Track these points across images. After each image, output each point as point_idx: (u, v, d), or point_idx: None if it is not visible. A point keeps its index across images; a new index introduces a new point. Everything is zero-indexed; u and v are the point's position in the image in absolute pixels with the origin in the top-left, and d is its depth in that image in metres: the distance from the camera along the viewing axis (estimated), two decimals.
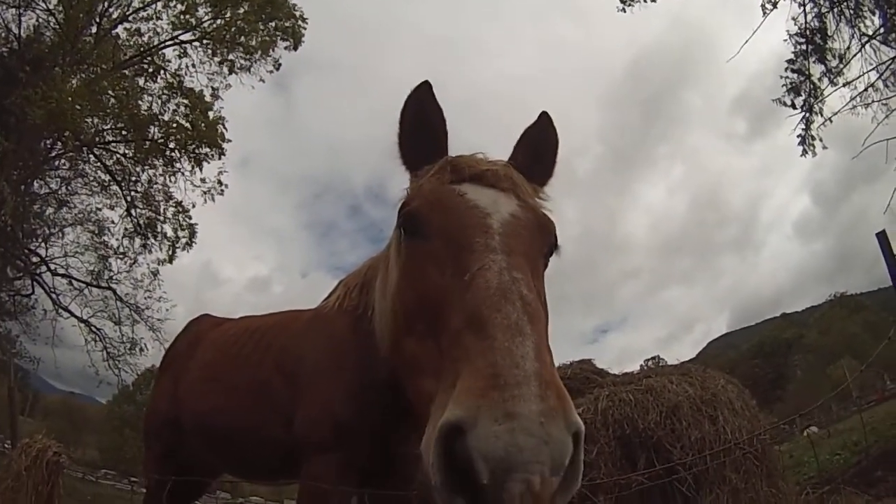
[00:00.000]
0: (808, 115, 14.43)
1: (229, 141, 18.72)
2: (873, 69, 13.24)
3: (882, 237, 3.18)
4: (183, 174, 18.93)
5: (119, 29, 18.90)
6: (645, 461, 4.07)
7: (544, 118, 2.04)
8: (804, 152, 14.62)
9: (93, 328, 19.58)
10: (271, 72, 19.49)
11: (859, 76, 13.48)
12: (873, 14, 13.47)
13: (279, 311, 3.65)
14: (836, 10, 13.69)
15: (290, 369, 2.88)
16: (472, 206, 1.56)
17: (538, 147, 1.99)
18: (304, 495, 2.67)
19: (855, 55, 13.48)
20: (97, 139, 18.18)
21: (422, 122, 1.79)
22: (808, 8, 13.99)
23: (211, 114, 18.48)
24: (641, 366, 8.60)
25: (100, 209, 19.95)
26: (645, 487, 3.98)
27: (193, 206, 19.51)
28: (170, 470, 3.54)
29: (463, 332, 1.20)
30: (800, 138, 14.50)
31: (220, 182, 19.26)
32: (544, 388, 1.02)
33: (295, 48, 19.34)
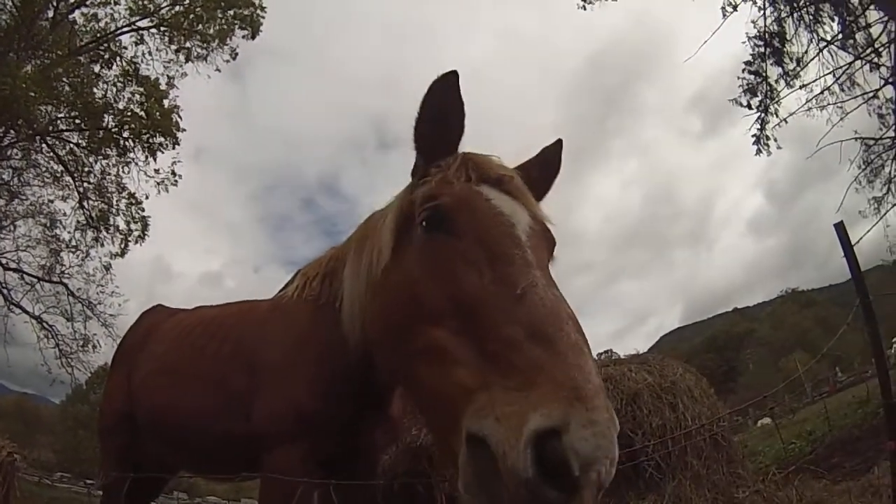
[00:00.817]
0: (763, 115, 14.86)
1: (184, 130, 18.33)
2: (830, 73, 13.70)
3: (840, 228, 3.26)
4: (136, 164, 18.46)
5: (76, 14, 18.24)
6: None
7: (559, 144, 2.15)
8: (758, 151, 15.09)
9: (45, 325, 18.96)
10: (228, 61, 19.08)
11: (816, 79, 13.95)
12: (832, 20, 13.93)
13: (235, 302, 3.56)
14: (795, 15, 14.08)
15: (249, 361, 2.80)
16: (498, 212, 1.67)
17: (546, 166, 2.10)
18: (266, 489, 2.61)
19: (812, 59, 13.93)
20: (50, 128, 17.53)
21: (444, 112, 1.79)
22: (768, 12, 14.38)
23: (166, 102, 18.01)
24: (595, 359, 8.70)
25: (52, 201, 19.29)
26: None
27: (147, 198, 19.04)
28: (126, 468, 3.41)
29: (528, 343, 1.32)
30: (755, 138, 14.95)
31: (173, 173, 18.82)
32: (605, 398, 1.23)
33: (253, 37, 18.91)
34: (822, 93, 13.92)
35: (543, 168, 2.08)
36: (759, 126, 14.87)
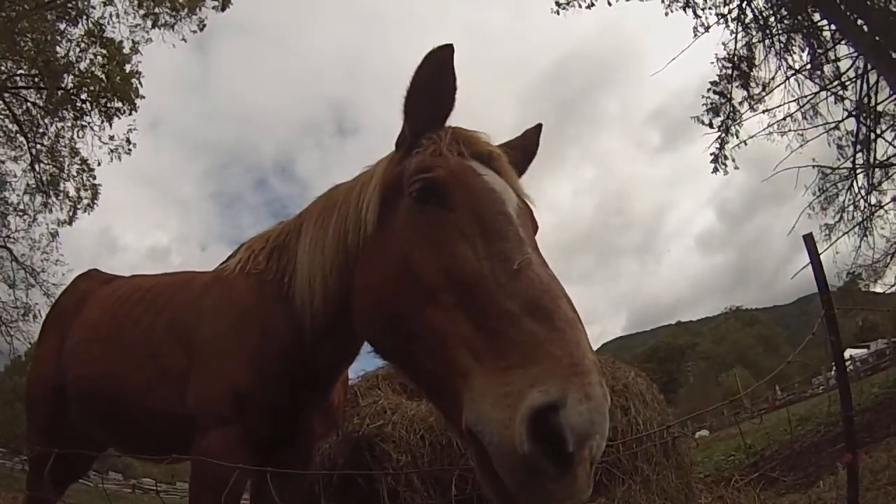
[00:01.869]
0: (724, 135, 15.26)
1: (143, 97, 17.76)
2: (794, 101, 14.11)
3: (809, 239, 3.29)
4: (92, 129, 17.83)
5: None
6: None
7: (539, 129, 2.18)
8: (715, 170, 15.50)
9: None
10: (195, 31, 18.36)
11: (780, 105, 14.36)
12: (802, 50, 14.34)
13: (174, 272, 3.44)
14: (766, 41, 14.45)
15: (185, 336, 2.68)
16: (491, 188, 1.66)
17: (525, 151, 2.09)
18: (197, 472, 2.48)
19: (779, 86, 14.33)
20: (9, 83, 16.79)
21: (437, 84, 1.75)
22: (739, 36, 14.73)
23: (128, 67, 17.40)
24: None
25: (2, 161, 18.51)
26: None
27: (99, 165, 18.46)
28: (53, 442, 3.20)
29: (525, 319, 1.32)
30: (713, 156, 15.39)
31: (128, 140, 18.27)
32: (600, 374, 1.24)
33: (223, 9, 18.28)
34: (784, 119, 14.35)
35: (522, 151, 2.07)
36: (718, 145, 15.30)
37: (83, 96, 17.25)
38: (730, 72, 15.07)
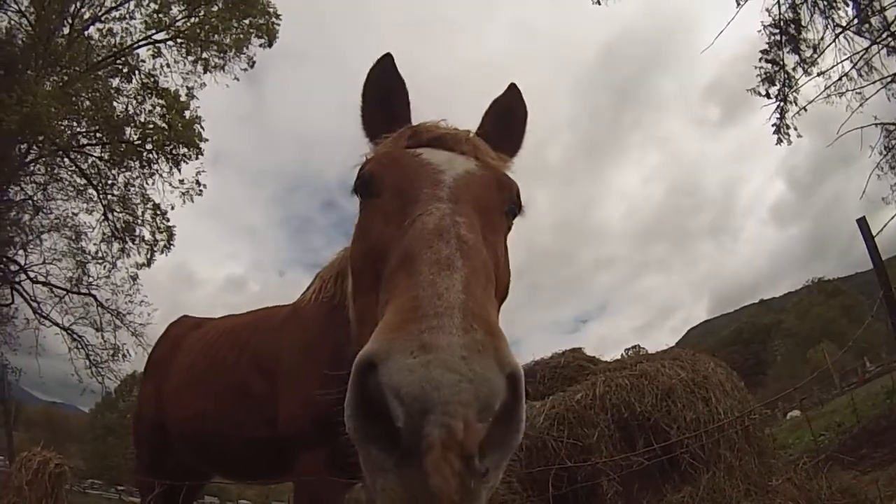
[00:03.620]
0: (782, 104, 14.62)
1: (206, 140, 18.52)
2: (847, 59, 13.44)
3: (863, 223, 3.22)
4: (161, 175, 18.72)
5: (91, 29, 18.60)
6: (643, 442, 4.15)
7: (513, 90, 1.99)
8: (779, 141, 14.81)
9: (74, 335, 19.25)
10: (246, 69, 19.30)
11: (833, 66, 13.66)
12: (847, 5, 13.66)
13: (258, 309, 3.62)
14: (809, 1, 13.86)
15: (268, 367, 2.85)
16: (426, 163, 1.50)
17: (506, 118, 1.94)
18: (298, 494, 2.66)
19: (829, 45, 13.65)
20: (72, 142, 17.84)
21: (384, 92, 1.77)
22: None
23: (187, 113, 18.21)
24: (623, 355, 8.67)
25: (76, 214, 19.60)
26: (645, 467, 4.08)
27: (172, 208, 19.30)
28: (160, 475, 3.50)
29: (394, 273, 1.14)
30: (775, 127, 14.67)
31: (198, 182, 19.09)
32: (470, 320, 0.92)
33: (270, 45, 19.16)
34: (839, 79, 13.63)
35: (501, 120, 1.92)
36: (778, 115, 14.61)
37: (148, 146, 18.09)
38: (778, 37, 14.48)
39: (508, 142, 1.87)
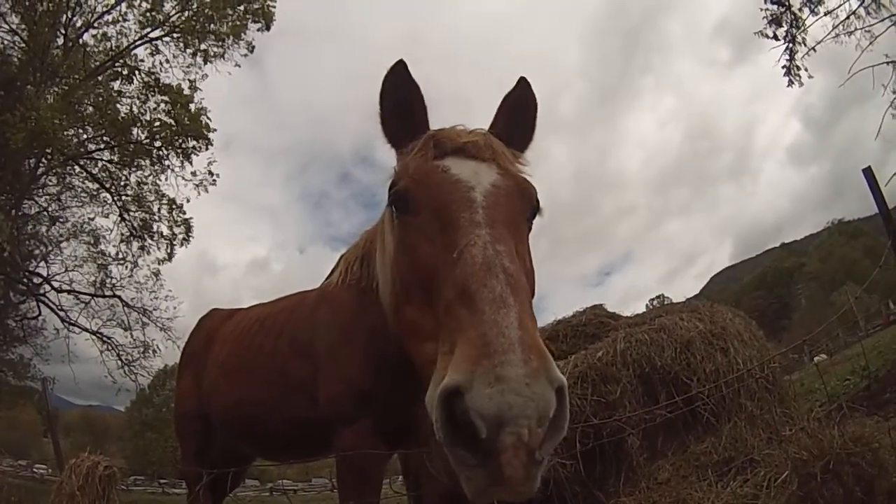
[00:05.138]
0: (791, 45, 14.32)
1: (214, 130, 18.59)
2: None
3: (868, 172, 3.21)
4: (172, 170, 18.87)
5: (86, 36, 18.70)
6: (665, 395, 4.23)
7: (522, 83, 2.08)
8: (790, 83, 14.57)
9: (104, 338, 19.70)
10: (245, 55, 19.28)
11: (840, 5, 13.32)
12: None
13: (285, 296, 3.74)
14: None
15: (305, 351, 2.98)
16: (455, 180, 1.66)
17: (518, 112, 2.04)
18: (341, 468, 2.77)
19: None
20: (81, 150, 17.99)
21: (400, 101, 1.85)
22: None
23: (192, 106, 18.28)
24: (647, 305, 8.71)
25: (93, 218, 19.97)
26: (668, 420, 4.18)
27: (188, 201, 19.52)
28: (206, 464, 3.65)
29: (455, 305, 1.35)
30: (785, 69, 14.44)
31: (210, 173, 19.25)
32: (527, 352, 1.17)
33: (267, 28, 19.07)
34: (847, 18, 13.30)
35: (514, 114, 2.03)
36: (787, 57, 14.35)
37: (157, 143, 18.20)
38: None
39: (520, 134, 2.00)
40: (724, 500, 3.46)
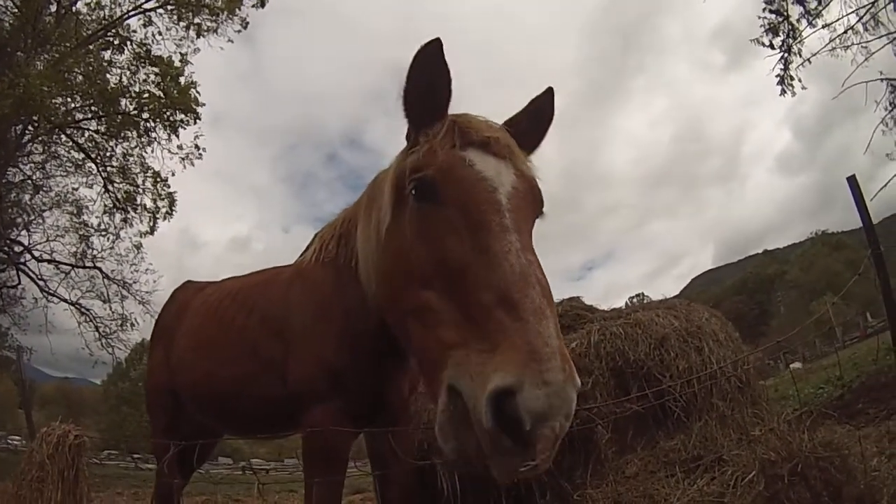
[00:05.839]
0: (786, 55, 14.40)
1: (203, 105, 18.48)
2: (853, 12, 13.15)
3: (852, 181, 3.22)
4: (159, 143, 18.71)
5: (79, 4, 18.36)
6: (637, 390, 4.22)
7: (550, 93, 2.17)
8: (783, 92, 14.64)
9: (82, 309, 19.61)
10: (239, 31, 19.10)
11: (838, 18, 13.36)
12: None
13: (259, 271, 3.71)
14: None
15: (277, 328, 2.95)
16: (481, 177, 1.74)
17: (537, 117, 2.14)
18: (308, 446, 2.77)
19: None
20: (68, 119, 17.76)
21: (430, 80, 1.83)
22: None
23: (182, 79, 18.09)
24: (627, 303, 8.76)
25: (76, 189, 19.79)
26: (638, 415, 4.19)
27: (173, 175, 19.37)
28: (175, 438, 3.60)
29: (496, 309, 1.47)
30: (779, 78, 14.49)
31: (197, 147, 19.13)
32: (564, 361, 1.36)
33: (262, 5, 18.94)
34: (845, 32, 13.36)
35: (534, 119, 2.12)
36: (782, 66, 14.41)
37: (145, 115, 18.05)
38: None
39: (534, 137, 2.10)
40: (691, 497, 3.48)
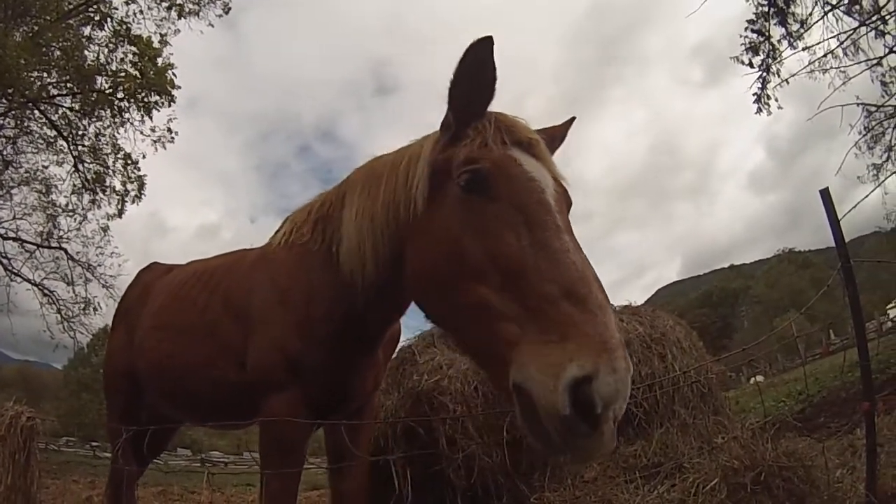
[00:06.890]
0: (765, 74, 14.67)
1: (179, 88, 18.04)
2: (834, 37, 13.44)
3: (825, 194, 3.25)
4: (132, 124, 18.25)
5: None
6: None
7: (570, 121, 2.37)
8: (759, 110, 14.91)
9: (45, 290, 18.99)
10: (220, 15, 18.70)
11: (819, 42, 13.64)
12: None
13: (226, 253, 3.63)
14: None
15: (238, 312, 2.88)
16: (531, 178, 1.81)
17: (556, 137, 2.27)
18: (264, 436, 2.71)
19: (817, 22, 13.62)
20: (42, 94, 17.19)
21: (478, 75, 1.86)
22: None
23: (160, 60, 17.68)
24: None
25: (46, 167, 19.10)
26: None
27: (144, 157, 18.88)
28: (131, 424, 3.51)
29: (562, 302, 1.53)
30: (755, 96, 14.75)
31: (170, 130, 18.63)
32: (624, 350, 1.46)
33: None
34: (825, 56, 13.67)
35: (553, 137, 2.22)
36: (760, 85, 14.69)
37: (119, 95, 17.60)
38: (766, 9, 14.44)
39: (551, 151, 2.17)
40: (650, 503, 3.50)
